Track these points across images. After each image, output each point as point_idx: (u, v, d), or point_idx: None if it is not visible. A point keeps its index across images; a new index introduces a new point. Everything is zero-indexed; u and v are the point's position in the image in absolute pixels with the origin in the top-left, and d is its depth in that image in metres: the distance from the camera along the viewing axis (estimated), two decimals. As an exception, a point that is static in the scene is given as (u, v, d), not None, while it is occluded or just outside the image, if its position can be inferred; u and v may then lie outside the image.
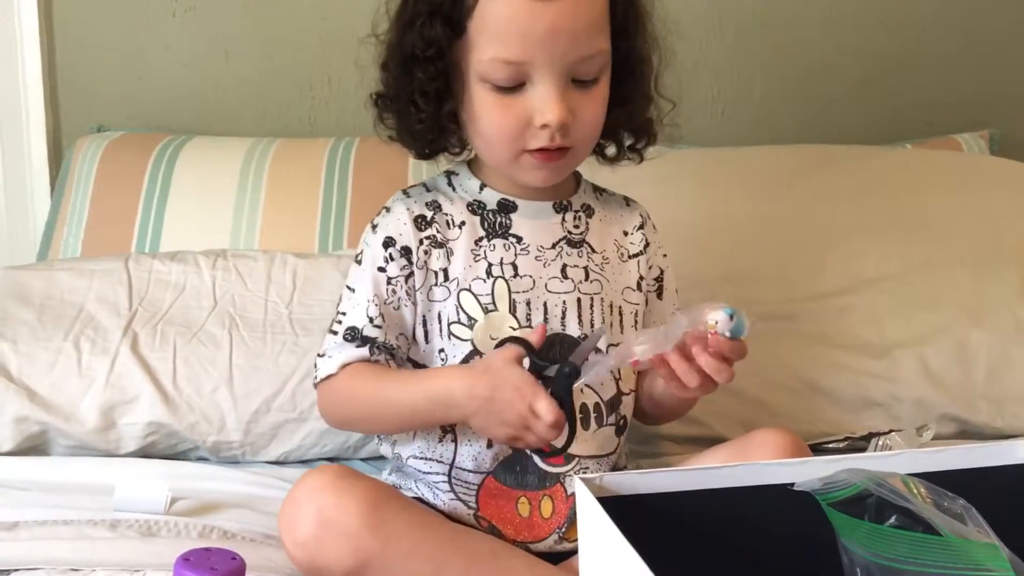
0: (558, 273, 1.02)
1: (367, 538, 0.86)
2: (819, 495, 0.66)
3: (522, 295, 1.00)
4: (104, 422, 1.18)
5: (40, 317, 1.25)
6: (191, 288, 1.30)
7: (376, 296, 0.99)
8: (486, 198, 1.03)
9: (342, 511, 0.87)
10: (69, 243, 1.47)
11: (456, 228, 1.02)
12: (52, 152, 1.63)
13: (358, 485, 0.90)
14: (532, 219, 1.03)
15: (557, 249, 1.03)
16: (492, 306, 0.99)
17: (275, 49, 1.64)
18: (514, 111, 0.95)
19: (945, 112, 1.73)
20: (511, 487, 0.99)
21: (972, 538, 0.64)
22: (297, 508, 0.88)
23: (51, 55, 1.63)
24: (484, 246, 1.01)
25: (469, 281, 1.00)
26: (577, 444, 0.97)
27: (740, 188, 1.47)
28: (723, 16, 1.69)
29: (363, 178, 1.49)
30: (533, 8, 0.92)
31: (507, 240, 1.02)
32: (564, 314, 1.01)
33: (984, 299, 1.36)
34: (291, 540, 0.88)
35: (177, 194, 1.48)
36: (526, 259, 1.02)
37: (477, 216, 1.02)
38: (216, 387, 1.20)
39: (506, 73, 0.94)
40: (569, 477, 0.99)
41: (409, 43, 0.97)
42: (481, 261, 1.00)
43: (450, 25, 0.94)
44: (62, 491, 1.09)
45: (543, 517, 0.99)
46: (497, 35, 0.93)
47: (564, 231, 1.04)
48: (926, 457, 0.75)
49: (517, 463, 0.99)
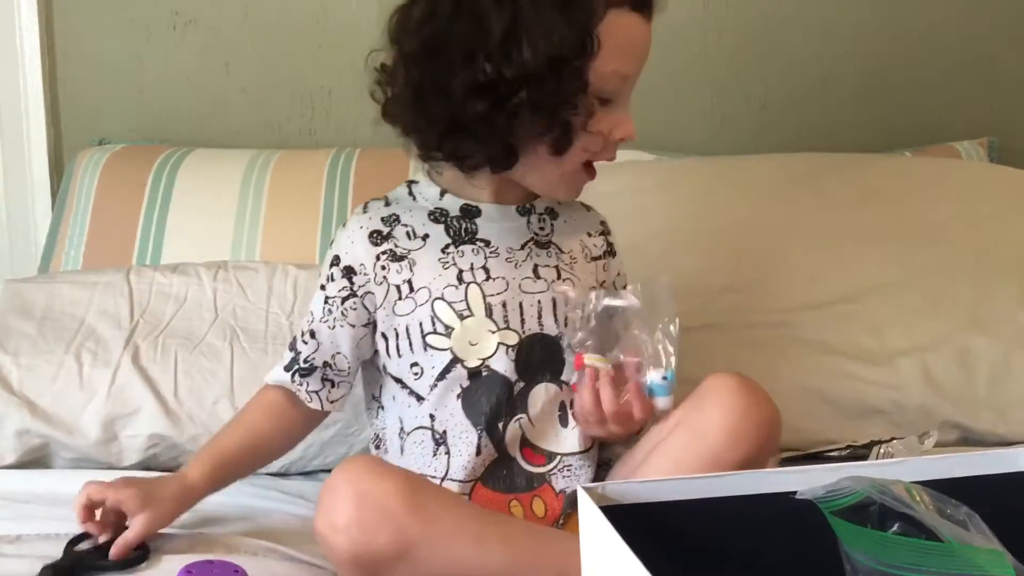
0: (530, 273, 1.03)
1: (409, 520, 0.86)
2: (822, 503, 0.66)
3: (497, 297, 1.00)
4: (106, 435, 1.18)
5: (41, 330, 1.25)
6: (192, 300, 1.30)
7: (314, 314, 1.04)
8: (447, 204, 1.03)
9: (383, 493, 0.86)
10: (70, 256, 1.48)
11: (418, 239, 1.02)
12: (53, 165, 1.64)
13: (395, 470, 0.90)
14: (498, 222, 1.03)
15: (526, 250, 1.04)
16: (467, 311, 1.00)
17: (275, 61, 1.65)
18: (603, 124, 0.98)
19: (944, 120, 1.73)
20: (501, 492, 0.99)
21: (975, 545, 0.63)
22: (336, 494, 0.87)
23: (52, 69, 1.63)
24: (452, 253, 1.01)
25: (441, 289, 1.00)
26: (558, 441, 1.00)
27: (740, 197, 1.47)
28: (722, 26, 1.70)
29: (364, 189, 1.49)
30: (644, 27, 0.98)
31: (475, 245, 1.02)
32: (540, 313, 1.01)
33: (985, 306, 1.36)
34: (331, 526, 0.87)
35: (178, 206, 1.48)
36: (496, 261, 1.02)
37: (440, 224, 1.03)
38: (217, 399, 1.20)
39: (615, 86, 0.97)
40: (554, 475, 1.01)
41: (556, 44, 0.92)
42: (451, 268, 1.01)
43: (590, 33, 0.94)
44: (64, 504, 1.09)
45: (537, 517, 1.00)
46: (620, 48, 0.95)
47: (531, 232, 1.05)
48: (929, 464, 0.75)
49: (504, 467, 1.00)
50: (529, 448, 1.00)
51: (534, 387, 1.00)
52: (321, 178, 1.51)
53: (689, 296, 1.36)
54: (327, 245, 1.45)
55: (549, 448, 1.01)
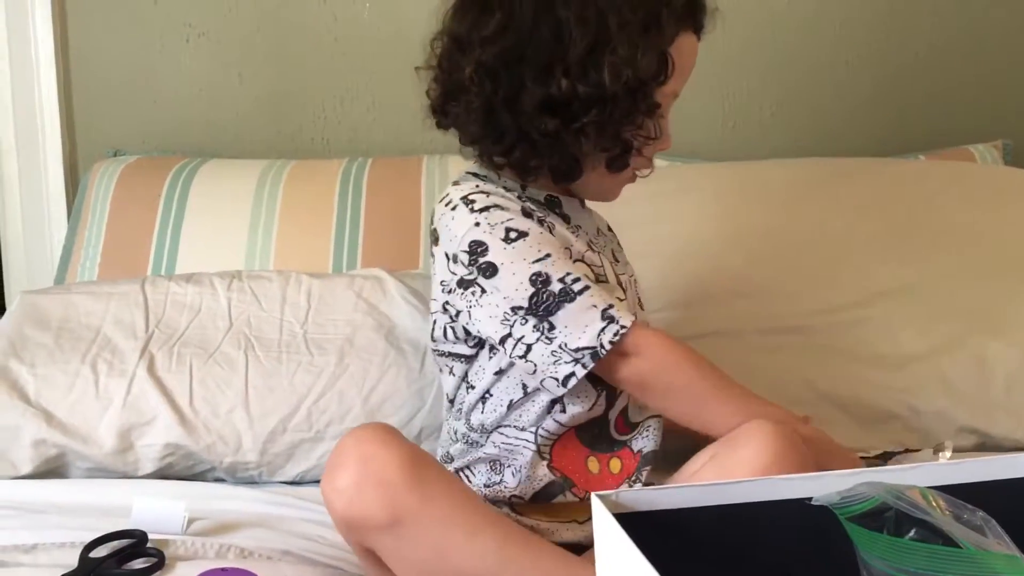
0: (612, 257, 1.07)
1: (405, 492, 0.86)
2: (837, 509, 0.66)
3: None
4: (121, 444, 1.19)
5: (57, 340, 1.26)
6: (207, 309, 1.30)
7: (567, 245, 0.98)
8: (533, 194, 1.04)
9: (384, 462, 0.87)
10: (86, 266, 1.49)
11: (541, 209, 1.02)
12: (69, 177, 1.65)
13: (403, 443, 0.90)
14: (575, 212, 1.06)
15: (602, 237, 1.09)
16: (604, 276, 1.02)
17: (287, 72, 1.66)
18: None
19: (958, 123, 1.72)
20: (584, 445, 1.01)
21: (992, 550, 0.63)
22: (341, 456, 0.88)
23: (67, 81, 1.65)
24: (571, 226, 1.04)
25: (582, 252, 1.00)
26: (639, 412, 1.03)
27: (752, 202, 1.47)
28: (731, 29, 1.69)
29: (376, 198, 1.50)
30: (696, 47, 1.02)
31: (570, 226, 1.04)
32: (632, 292, 1.06)
33: (1001, 310, 1.35)
34: (331, 486, 0.88)
35: (192, 217, 1.49)
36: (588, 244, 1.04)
37: (539, 204, 1.04)
38: (232, 408, 1.21)
39: (670, 104, 1.01)
40: (634, 439, 1.03)
41: (638, 66, 0.94)
42: (581, 235, 1.03)
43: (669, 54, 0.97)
44: (80, 513, 1.10)
45: (612, 473, 1.02)
46: (683, 69, 0.99)
47: (596, 223, 1.10)
48: (945, 469, 0.75)
49: (596, 426, 1.01)
50: (623, 418, 1.03)
51: None
52: (334, 187, 1.51)
53: (701, 302, 1.36)
54: (340, 253, 1.47)
55: (634, 419, 1.04)
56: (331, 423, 1.22)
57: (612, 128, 0.95)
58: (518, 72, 0.94)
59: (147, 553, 0.98)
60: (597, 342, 0.93)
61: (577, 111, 0.94)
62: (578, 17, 0.93)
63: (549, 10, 0.94)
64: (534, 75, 0.94)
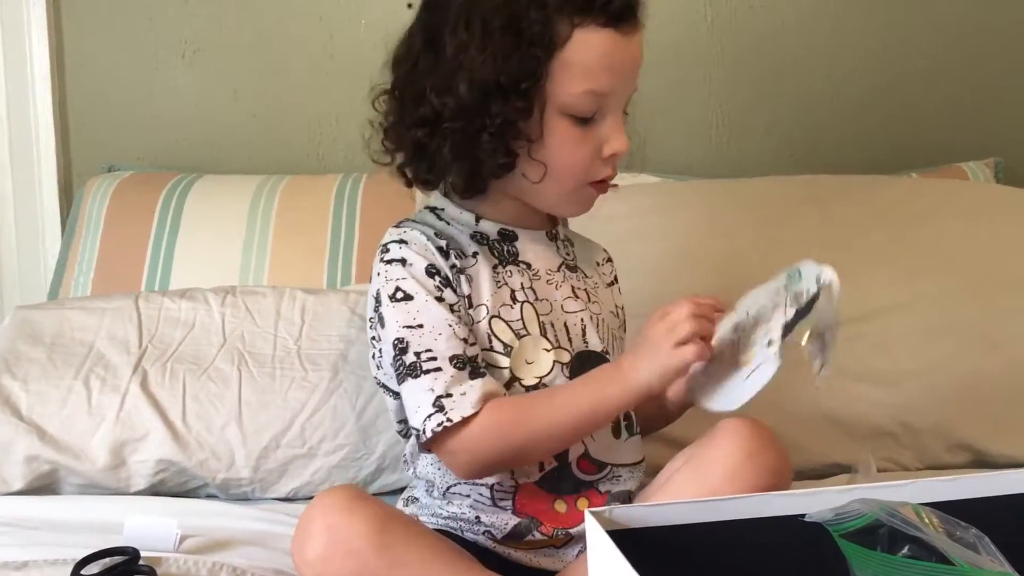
0: (570, 294, 1.04)
1: (373, 560, 0.87)
2: (831, 526, 0.66)
3: (546, 317, 1.01)
4: (114, 460, 1.18)
5: (50, 356, 1.26)
6: (200, 325, 1.30)
7: (452, 322, 0.96)
8: (485, 229, 1.03)
9: (351, 531, 0.87)
10: (80, 282, 1.48)
11: (470, 257, 1.01)
12: (63, 191, 1.65)
13: (369, 506, 0.90)
14: (534, 245, 1.04)
15: (562, 272, 1.05)
16: (524, 331, 1.00)
17: (283, 88, 1.66)
18: (589, 143, 0.97)
19: (950, 141, 1.73)
20: (547, 491, 1.00)
21: (986, 567, 0.63)
22: (308, 525, 0.89)
23: (62, 96, 1.65)
24: (501, 272, 1.02)
25: (497, 308, 1.00)
26: (611, 453, 1.01)
27: (746, 218, 1.47)
28: (725, 46, 1.70)
29: (371, 214, 1.50)
30: (622, 43, 0.96)
31: (519, 266, 1.03)
32: (584, 331, 1.03)
33: (995, 326, 1.35)
34: (300, 558, 0.89)
35: (187, 232, 1.49)
36: (540, 283, 1.03)
37: (484, 246, 1.03)
38: (226, 424, 1.21)
39: (591, 105, 0.96)
40: (602, 481, 1.01)
41: (496, 72, 0.93)
42: (504, 288, 1.01)
43: (546, 55, 0.94)
44: (72, 530, 1.09)
45: (579, 510, 1.00)
46: (590, 67, 0.95)
47: (561, 256, 1.06)
48: (938, 486, 0.75)
49: (557, 472, 1.00)
50: (586, 459, 1.01)
51: None
52: (328, 203, 1.52)
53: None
54: (335, 269, 1.47)
55: (602, 459, 1.01)
56: (324, 439, 1.21)
57: (475, 135, 0.95)
58: (409, 95, 0.98)
59: (139, 571, 0.97)
60: (422, 426, 0.93)
61: (445, 123, 0.96)
62: (451, 31, 0.96)
63: (433, 30, 0.98)
64: (414, 95, 0.98)
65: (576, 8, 0.94)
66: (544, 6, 0.94)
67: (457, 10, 0.96)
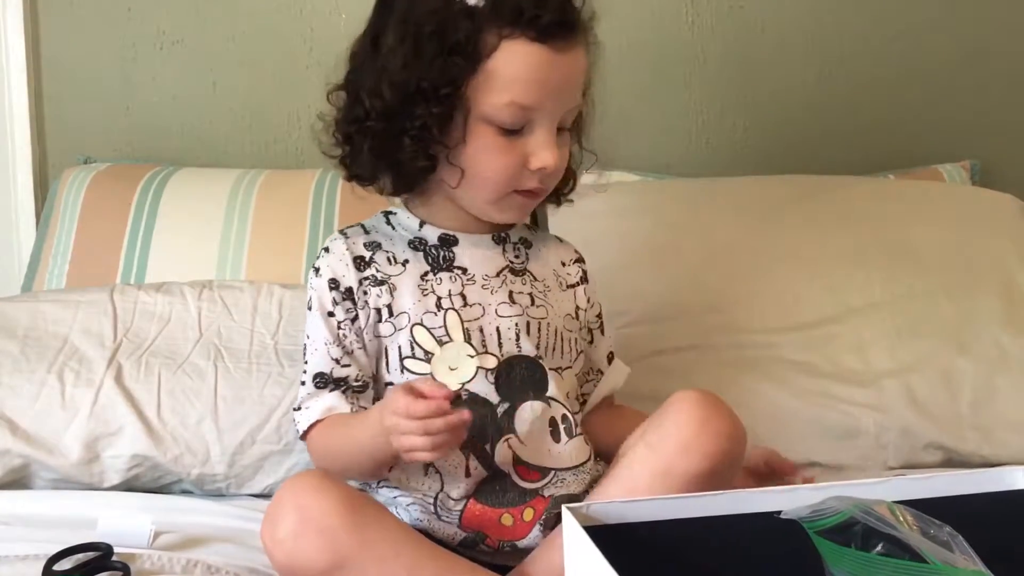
0: (506, 299, 1.04)
1: (344, 538, 0.87)
2: (806, 523, 0.66)
3: (474, 323, 1.02)
4: (88, 455, 1.17)
5: (23, 349, 1.24)
6: (176, 319, 1.29)
7: (334, 339, 1.02)
8: (426, 234, 1.06)
9: (321, 511, 0.88)
10: (54, 274, 1.47)
11: (399, 265, 1.03)
12: (38, 183, 1.63)
13: (339, 488, 0.91)
14: (473, 250, 1.05)
15: (502, 277, 1.06)
16: (446, 337, 1.01)
17: (262, 81, 1.65)
18: (513, 153, 0.98)
19: (927, 143, 1.75)
20: (492, 507, 0.99)
21: (959, 565, 0.64)
22: (278, 506, 0.90)
23: (38, 86, 1.63)
24: (431, 280, 1.03)
25: (420, 315, 1.01)
26: (552, 458, 1.01)
27: (725, 218, 1.48)
28: (706, 47, 1.71)
29: (349, 209, 1.49)
30: (553, 59, 0.96)
31: (452, 272, 1.04)
32: (518, 336, 1.03)
33: (968, 327, 1.36)
34: (271, 537, 0.89)
35: (163, 225, 1.48)
36: (473, 288, 1.04)
37: (420, 252, 1.05)
38: (201, 419, 1.20)
39: (516, 117, 0.97)
40: (547, 487, 1.00)
41: (417, 77, 0.96)
42: (430, 295, 1.02)
43: (469, 63, 0.96)
44: (44, 525, 1.08)
45: (525, 521, 1.00)
46: (515, 80, 0.96)
47: (506, 260, 1.07)
48: (913, 484, 0.75)
49: (497, 483, 1.00)
50: (523, 466, 1.00)
51: (519, 407, 1.01)
52: (307, 198, 1.51)
53: (674, 317, 1.37)
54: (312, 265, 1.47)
55: (543, 464, 1.01)
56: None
57: (397, 137, 0.97)
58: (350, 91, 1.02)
59: (112, 566, 0.97)
60: (296, 429, 1.03)
61: (369, 122, 0.99)
62: (388, 34, 0.99)
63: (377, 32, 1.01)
64: (354, 93, 1.01)
65: (506, 20, 0.95)
66: (474, 16, 0.95)
67: (397, 14, 0.99)
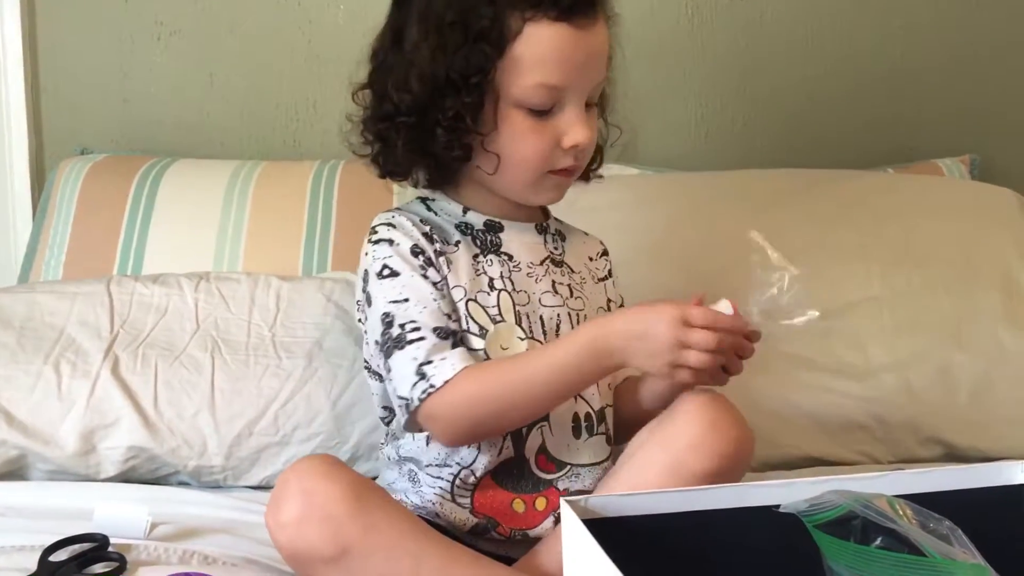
0: (549, 288, 1.05)
1: (349, 524, 0.87)
2: (804, 516, 0.66)
3: (522, 308, 1.02)
4: (84, 446, 1.17)
5: (20, 340, 1.24)
6: (173, 311, 1.29)
7: (438, 295, 0.99)
8: (472, 220, 1.05)
9: (327, 496, 0.87)
10: (51, 265, 1.46)
11: (453, 244, 1.03)
12: (35, 174, 1.63)
13: (345, 473, 0.90)
14: (519, 238, 1.06)
15: (545, 266, 1.06)
16: (499, 317, 1.01)
17: (260, 72, 1.64)
18: (546, 134, 0.99)
19: (926, 137, 1.75)
20: (507, 490, 1.00)
21: (958, 559, 0.63)
22: (284, 490, 0.89)
23: (35, 77, 1.62)
24: (482, 261, 1.03)
25: (475, 292, 1.01)
26: (570, 453, 1.01)
27: (724, 212, 1.47)
28: (705, 41, 1.71)
29: (348, 201, 1.49)
30: (576, 36, 0.97)
31: (500, 257, 1.04)
32: (558, 327, 1.03)
33: (966, 322, 1.36)
34: (275, 521, 0.89)
35: (160, 217, 1.47)
36: (519, 275, 1.04)
37: (468, 235, 1.04)
38: (198, 411, 1.19)
39: (546, 98, 0.97)
40: (561, 480, 1.01)
41: (445, 68, 0.96)
42: (482, 275, 1.02)
43: (495, 49, 0.96)
44: (40, 516, 1.08)
45: (537, 510, 1.00)
46: (542, 61, 0.96)
47: (547, 251, 1.07)
48: (912, 478, 0.75)
49: (515, 467, 1.00)
50: (544, 455, 1.01)
51: None
52: (305, 190, 1.50)
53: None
54: (310, 256, 1.46)
55: (562, 458, 1.01)
56: (298, 427, 1.21)
57: (430, 129, 0.97)
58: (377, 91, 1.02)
59: (108, 557, 0.97)
60: (410, 395, 0.95)
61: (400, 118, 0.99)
62: (410, 28, 0.99)
63: (398, 27, 1.01)
64: (381, 90, 1.01)
65: (527, 3, 0.96)
66: (495, 2, 0.96)
67: (417, 7, 0.99)
